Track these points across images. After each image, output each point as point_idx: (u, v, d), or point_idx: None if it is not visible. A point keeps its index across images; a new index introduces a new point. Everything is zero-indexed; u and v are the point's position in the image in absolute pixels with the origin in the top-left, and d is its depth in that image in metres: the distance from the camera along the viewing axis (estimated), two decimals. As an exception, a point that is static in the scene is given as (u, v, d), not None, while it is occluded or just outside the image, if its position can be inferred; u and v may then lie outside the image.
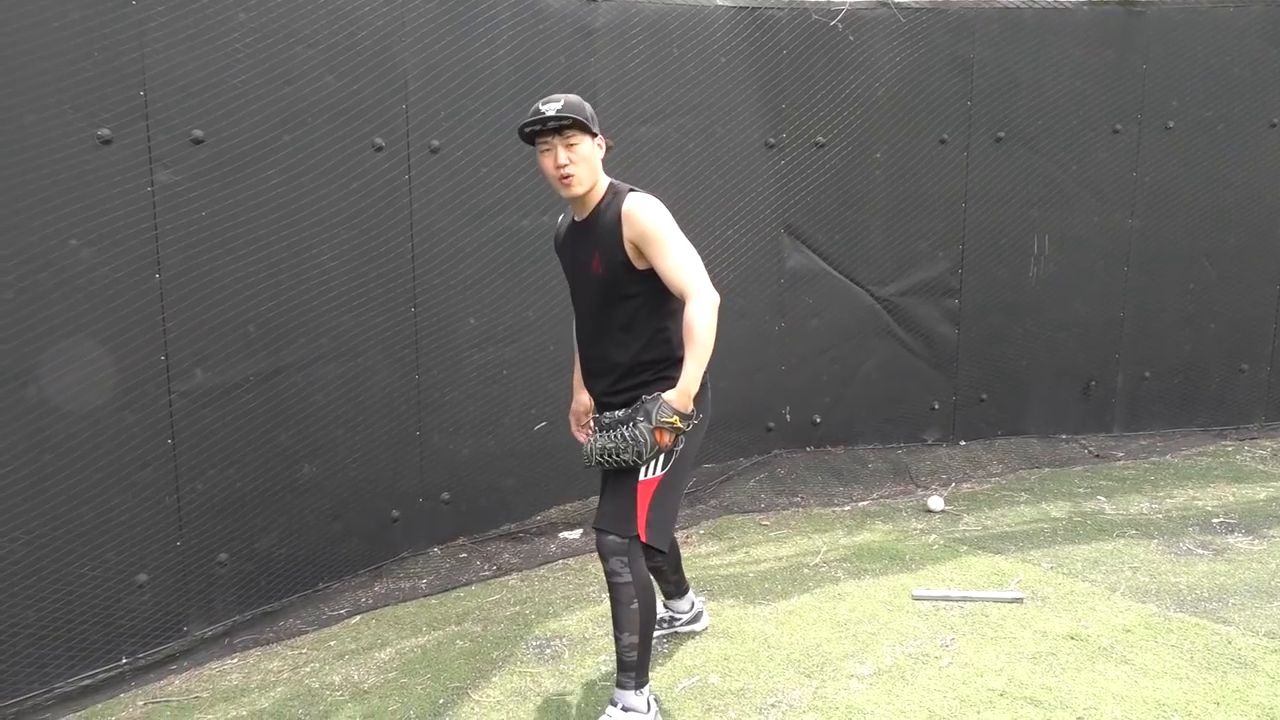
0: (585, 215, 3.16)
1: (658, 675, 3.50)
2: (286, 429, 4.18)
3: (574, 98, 3.06)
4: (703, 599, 4.04)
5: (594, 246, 3.10)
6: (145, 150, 3.65)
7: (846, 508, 5.42)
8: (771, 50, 5.51)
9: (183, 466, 3.87)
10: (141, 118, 3.62)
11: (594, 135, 3.08)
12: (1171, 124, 6.13)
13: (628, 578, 3.06)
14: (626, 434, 3.02)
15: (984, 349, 6.15)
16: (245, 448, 4.05)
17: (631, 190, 3.10)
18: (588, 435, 3.37)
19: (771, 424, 5.90)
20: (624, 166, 5.11)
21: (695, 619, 3.88)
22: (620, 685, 3.12)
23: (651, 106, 5.18)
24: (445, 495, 4.81)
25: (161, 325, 3.76)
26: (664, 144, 5.25)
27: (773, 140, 5.62)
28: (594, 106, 4.92)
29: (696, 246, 3.09)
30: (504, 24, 4.64)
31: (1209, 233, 6.30)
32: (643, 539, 3.09)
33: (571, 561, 4.76)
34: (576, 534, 5.07)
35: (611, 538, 3.08)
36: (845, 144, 5.74)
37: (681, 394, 2.97)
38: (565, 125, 3.01)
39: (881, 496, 5.59)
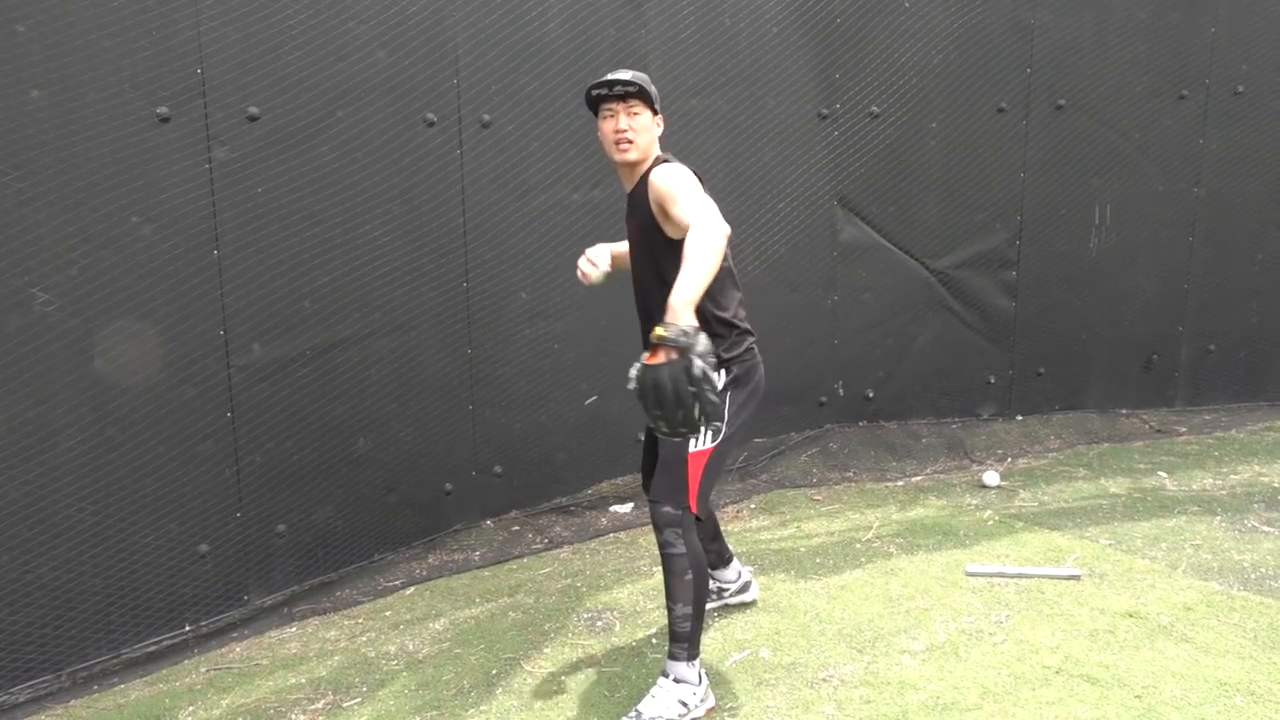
0: (632, 186, 3.25)
1: (709, 648, 3.51)
2: (341, 403, 4.24)
3: (640, 74, 3.20)
4: (751, 569, 4.04)
5: (635, 214, 3.22)
6: (203, 128, 3.70)
7: (899, 483, 5.37)
8: (825, 19, 5.42)
9: (241, 439, 3.94)
10: (199, 95, 3.67)
11: (655, 111, 3.18)
12: (1241, 89, 5.93)
13: (681, 549, 3.07)
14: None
15: (1042, 322, 6.04)
16: (301, 421, 4.12)
17: (665, 160, 3.15)
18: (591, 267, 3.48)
19: (824, 398, 5.86)
20: (675, 139, 5.06)
21: (744, 589, 3.89)
22: (673, 656, 3.13)
23: (703, 78, 5.13)
24: (497, 469, 4.85)
25: (220, 301, 3.83)
26: (715, 116, 5.20)
27: (826, 111, 5.54)
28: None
29: (747, 219, 3.09)
30: (554, -4, 4.62)
31: (1279, 201, 6.10)
32: (693, 510, 3.10)
33: (623, 535, 4.78)
34: (628, 508, 5.09)
35: (666, 509, 3.08)
36: (900, 114, 5.64)
37: (670, 307, 2.67)
38: (631, 93, 3.11)
39: (935, 472, 5.53)
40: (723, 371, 3.18)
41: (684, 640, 3.11)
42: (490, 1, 4.44)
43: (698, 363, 2.64)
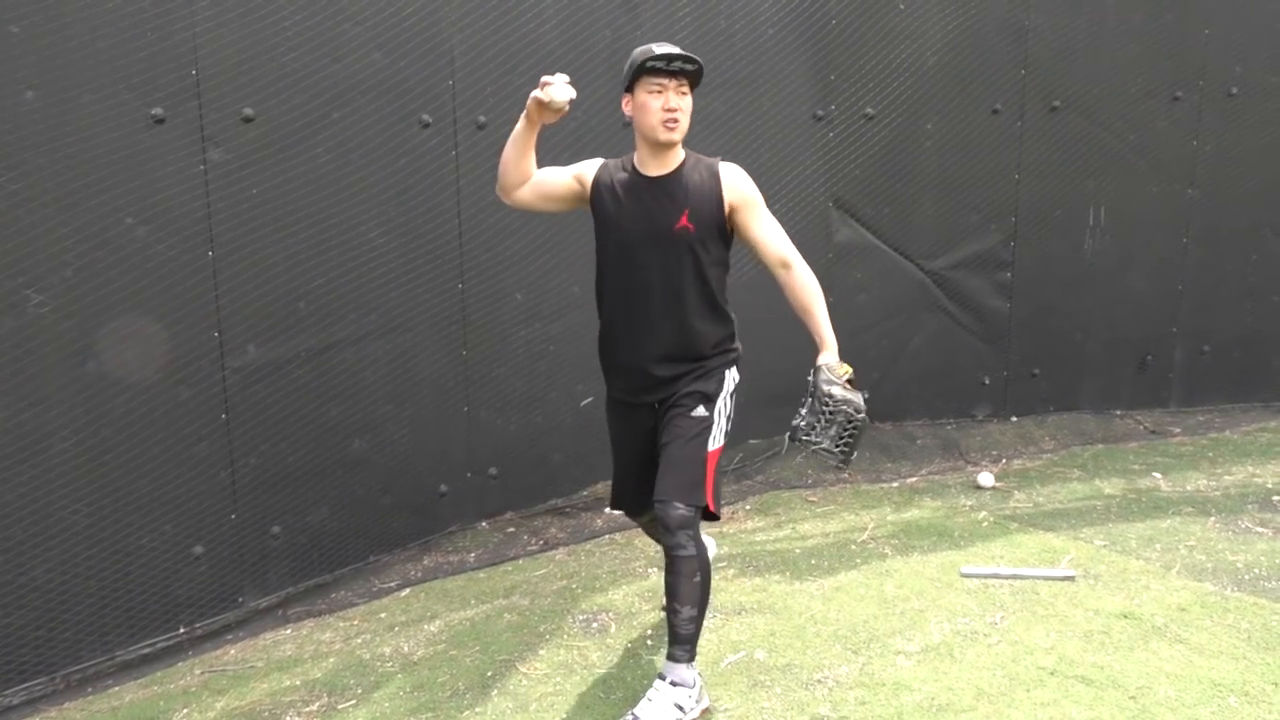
0: (664, 171, 3.11)
1: (704, 650, 3.51)
2: (336, 404, 4.23)
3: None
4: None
5: (684, 203, 3.07)
6: (198, 129, 3.70)
7: (894, 484, 5.38)
8: (820, 20, 5.43)
9: (236, 441, 3.94)
10: (193, 97, 3.67)
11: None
12: (1235, 90, 5.95)
13: (693, 550, 3.01)
14: (833, 404, 3.00)
15: (1037, 323, 6.05)
16: (296, 423, 4.12)
17: (714, 157, 3.17)
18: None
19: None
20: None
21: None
22: (673, 659, 3.06)
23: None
24: (493, 470, 4.85)
25: (215, 302, 3.83)
26: (711, 117, 5.20)
27: (821, 112, 5.55)
28: (640, 80, 4.93)
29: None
30: (549, -2, 4.62)
31: (1273, 202, 6.12)
32: (710, 508, 3.08)
33: (618, 536, 4.78)
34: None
35: (680, 511, 2.99)
36: (895, 115, 5.65)
37: (831, 350, 3.08)
38: (689, 71, 3.00)
39: (930, 473, 5.54)
40: (736, 369, 3.23)
41: (687, 642, 3.06)
42: (486, 3, 4.44)
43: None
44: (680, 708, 3.02)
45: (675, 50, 2.98)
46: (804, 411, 3.05)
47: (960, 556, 4.27)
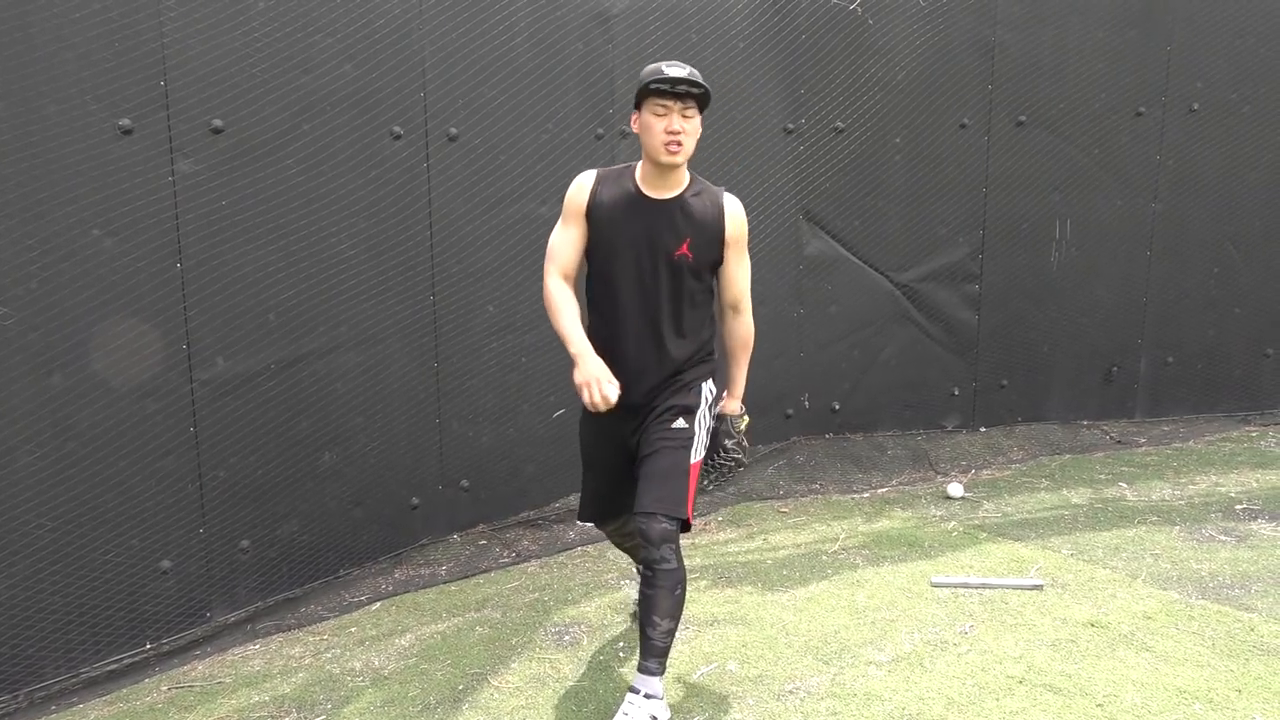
0: (667, 195, 3.10)
1: (675, 662, 3.51)
2: (307, 417, 4.20)
3: (697, 72, 3.01)
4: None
5: (685, 232, 3.09)
6: (166, 140, 3.67)
7: (865, 494, 5.41)
8: (790, 35, 5.48)
9: (205, 454, 3.90)
10: (162, 108, 3.64)
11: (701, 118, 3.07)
12: (1196, 106, 6.06)
13: (674, 563, 3.01)
14: (730, 453, 3.36)
15: (1005, 334, 6.11)
16: (266, 436, 4.08)
17: (716, 186, 3.21)
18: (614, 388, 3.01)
19: (790, 411, 5.89)
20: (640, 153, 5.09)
21: None
22: (647, 671, 3.04)
23: (669, 92, 5.15)
24: (465, 482, 4.83)
25: (183, 314, 3.79)
26: (682, 130, 5.23)
27: (791, 126, 5.59)
28: (610, 94, 4.97)
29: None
30: (521, 11, 4.63)
31: (1234, 216, 6.23)
32: (689, 521, 3.09)
33: (590, 549, 4.77)
34: (595, 521, 5.08)
35: (664, 525, 3.00)
36: (865, 129, 5.70)
37: (739, 400, 3.41)
38: (695, 95, 2.97)
39: (901, 483, 5.57)
40: (714, 381, 3.30)
41: (663, 655, 3.05)
42: (457, 16, 4.44)
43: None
44: (656, 718, 3.03)
45: (683, 73, 2.96)
46: (722, 459, 3.39)
47: (930, 566, 4.30)
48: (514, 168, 4.74)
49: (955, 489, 5.30)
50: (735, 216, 3.16)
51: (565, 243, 3.18)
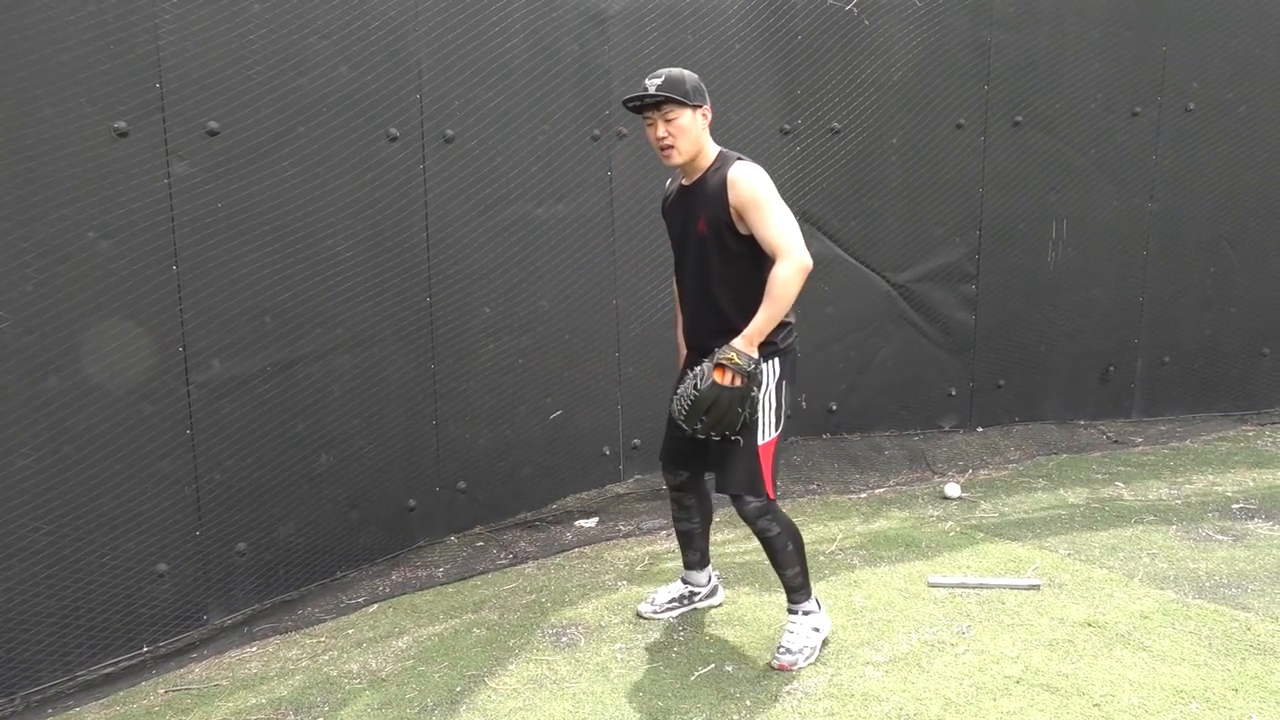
0: (693, 180, 3.35)
1: (672, 663, 3.51)
2: (303, 419, 4.20)
3: (675, 73, 3.26)
4: (718, 574, 4.10)
5: (700, 209, 3.29)
6: (162, 142, 3.67)
7: (863, 495, 5.41)
8: (786, 36, 5.48)
9: (201, 457, 3.90)
10: (157, 110, 3.64)
11: (695, 107, 3.24)
12: (1192, 106, 6.06)
13: (777, 529, 3.38)
14: (692, 377, 3.25)
15: (1001, 335, 6.12)
16: (262, 438, 4.08)
17: (739, 159, 3.29)
18: None
19: (787, 411, 5.88)
20: (639, 155, 5.10)
21: (712, 593, 3.98)
22: (794, 600, 3.50)
23: (665, 94, 5.16)
24: (462, 484, 4.83)
25: (179, 316, 3.79)
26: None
27: (787, 126, 5.59)
28: (607, 94, 4.97)
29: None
30: (517, 12, 4.63)
31: (1230, 216, 6.24)
32: (771, 497, 3.36)
33: (588, 550, 4.77)
34: (593, 522, 5.08)
35: (752, 504, 3.33)
36: (861, 130, 5.71)
37: (745, 337, 3.19)
38: (662, 101, 3.20)
39: (898, 484, 5.58)
40: (777, 361, 3.36)
41: (800, 589, 3.49)
42: (453, 17, 4.44)
43: (755, 392, 3.22)
44: (817, 629, 3.51)
45: (643, 90, 3.24)
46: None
47: (928, 566, 4.30)
48: (510, 169, 4.74)
49: (952, 489, 5.30)
50: (736, 182, 3.21)
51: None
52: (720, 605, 3.97)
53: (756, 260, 3.27)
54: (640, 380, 5.33)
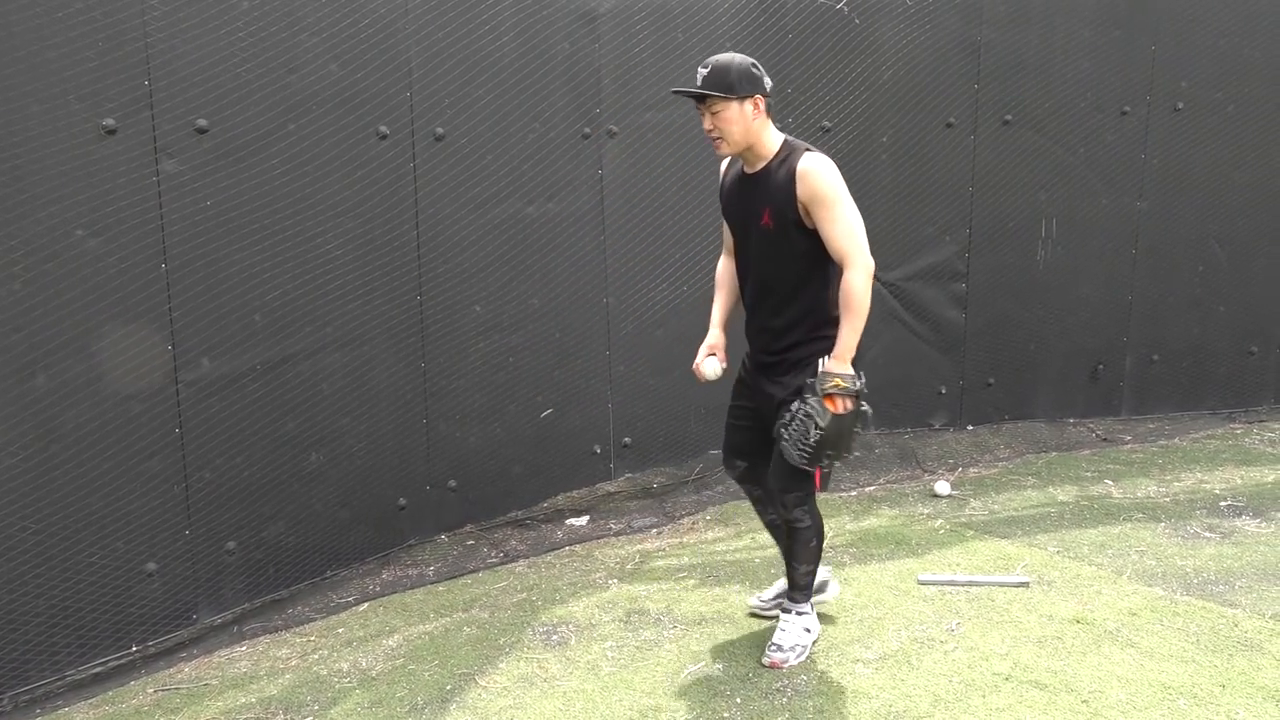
0: (756, 169, 3.27)
1: (663, 661, 3.52)
2: (293, 418, 4.19)
3: (723, 62, 3.16)
4: (829, 569, 3.95)
5: (766, 201, 3.22)
6: (150, 140, 3.66)
7: (853, 493, 5.42)
8: (777, 34, 5.48)
9: (190, 456, 3.89)
10: (146, 107, 3.63)
11: (743, 98, 3.15)
12: (1181, 105, 6.09)
13: (808, 522, 3.40)
14: (800, 416, 3.17)
15: (991, 333, 6.13)
16: (252, 436, 4.07)
17: (808, 150, 3.23)
18: (713, 361, 3.55)
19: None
20: (630, 153, 5.10)
21: (821, 588, 3.80)
22: (793, 599, 3.52)
23: (657, 93, 5.15)
24: (452, 483, 4.82)
25: (168, 315, 3.78)
26: (670, 129, 5.23)
27: (778, 125, 5.58)
28: (597, 93, 4.96)
29: (703, 233, 3.14)
30: (507, 10, 4.62)
31: (1218, 215, 6.26)
32: (818, 487, 3.37)
33: (578, 548, 4.77)
34: (583, 520, 5.08)
35: (794, 494, 3.34)
36: (851, 128, 5.71)
37: (837, 359, 3.20)
38: (706, 93, 3.14)
39: (888, 482, 5.59)
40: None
41: (805, 589, 3.51)
42: (443, 15, 4.43)
43: (864, 406, 3.23)
44: (809, 630, 3.52)
45: (694, 84, 3.17)
46: (794, 419, 3.22)
47: (918, 564, 4.31)
48: (500, 167, 4.74)
49: (942, 487, 5.32)
50: (805, 175, 3.14)
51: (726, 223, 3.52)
52: (833, 600, 3.87)
53: (820, 257, 3.23)
54: (631, 379, 5.33)
